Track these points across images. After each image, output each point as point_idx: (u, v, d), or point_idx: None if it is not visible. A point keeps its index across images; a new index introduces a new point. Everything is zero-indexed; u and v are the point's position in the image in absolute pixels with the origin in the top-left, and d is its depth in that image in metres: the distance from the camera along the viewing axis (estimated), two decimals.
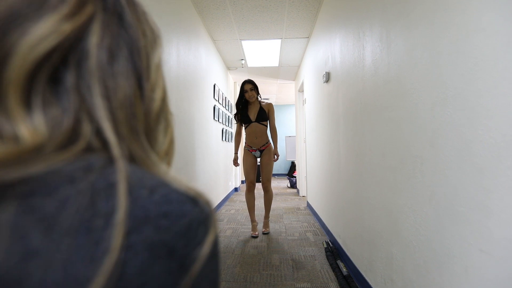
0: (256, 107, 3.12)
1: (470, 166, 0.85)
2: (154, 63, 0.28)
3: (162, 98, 0.29)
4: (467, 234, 0.87)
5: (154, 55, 0.29)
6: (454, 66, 0.92)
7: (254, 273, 2.14)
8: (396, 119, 1.36)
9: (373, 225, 1.68)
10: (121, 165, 0.22)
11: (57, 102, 0.22)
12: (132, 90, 0.25)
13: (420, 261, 1.14)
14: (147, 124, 0.27)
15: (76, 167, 0.20)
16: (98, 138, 0.23)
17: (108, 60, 0.24)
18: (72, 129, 0.22)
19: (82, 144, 0.22)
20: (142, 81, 0.26)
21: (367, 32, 1.73)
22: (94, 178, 0.20)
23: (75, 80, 0.23)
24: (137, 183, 0.21)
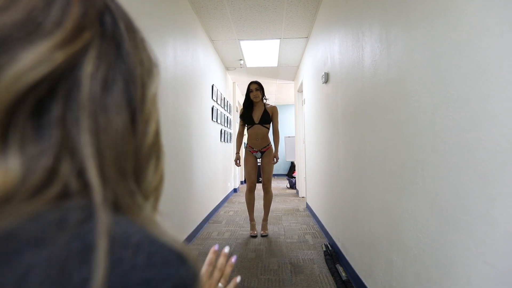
0: (260, 109, 3.17)
1: (473, 172, 0.81)
2: (150, 94, 0.26)
3: (155, 131, 0.26)
4: (470, 244, 0.83)
5: (151, 85, 0.26)
6: (456, 68, 0.89)
7: (252, 277, 2.10)
8: (396, 122, 1.32)
9: (372, 230, 1.65)
10: (103, 218, 0.19)
11: (38, 138, 0.19)
12: (125, 125, 0.22)
13: (421, 269, 1.11)
14: (137, 161, 0.24)
15: (46, 223, 0.17)
16: (78, 180, 0.20)
17: (101, 93, 0.21)
18: (50, 169, 0.19)
19: (58, 188, 0.19)
20: (136, 114, 0.24)
21: (366, 32, 1.69)
22: (68, 238, 0.17)
23: (62, 112, 0.20)
24: (120, 241, 0.18)
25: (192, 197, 3.11)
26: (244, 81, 6.49)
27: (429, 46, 1.04)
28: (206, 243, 2.90)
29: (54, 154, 0.19)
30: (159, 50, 2.23)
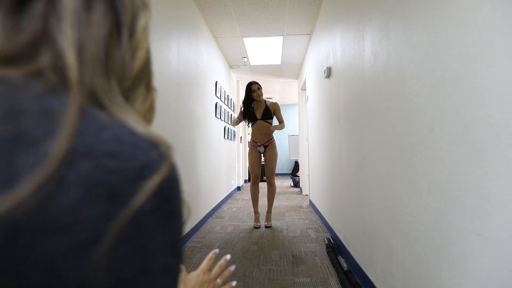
0: (262, 106, 3.33)
1: (468, 148, 0.82)
2: (140, 23, 0.27)
3: (145, 59, 0.27)
4: (465, 219, 0.84)
5: (141, 16, 0.28)
6: (452, 47, 0.90)
7: (254, 268, 2.12)
8: (395, 108, 1.33)
9: (373, 220, 1.65)
10: (76, 89, 0.19)
11: (18, 23, 0.20)
12: (107, 31, 0.23)
13: (420, 251, 1.11)
14: (123, 78, 0.25)
15: (10, 85, 0.18)
16: (54, 69, 0.20)
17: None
18: (26, 46, 0.20)
19: (30, 68, 0.20)
20: (122, 29, 0.25)
21: (366, 22, 1.70)
22: (25, 99, 0.18)
23: (45, 8, 0.21)
24: (85, 117, 0.19)
25: (195, 192, 3.14)
26: (248, 79, 6.52)
27: (427, 27, 1.05)
28: (208, 236, 2.92)
29: (31, 35, 0.20)
30: (163, 45, 2.27)
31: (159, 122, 2.18)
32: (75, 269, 0.16)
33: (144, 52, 0.27)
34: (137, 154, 0.19)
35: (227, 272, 0.67)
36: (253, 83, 3.30)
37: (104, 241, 0.16)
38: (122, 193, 0.18)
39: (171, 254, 0.21)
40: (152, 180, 0.19)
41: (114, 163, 0.18)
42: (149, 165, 0.19)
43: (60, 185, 0.16)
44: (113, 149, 0.18)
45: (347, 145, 2.23)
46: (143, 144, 0.20)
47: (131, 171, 0.18)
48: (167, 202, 0.20)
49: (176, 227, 0.21)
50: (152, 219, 0.19)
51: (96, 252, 0.16)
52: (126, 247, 0.17)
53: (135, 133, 0.20)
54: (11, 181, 0.15)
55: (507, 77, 0.69)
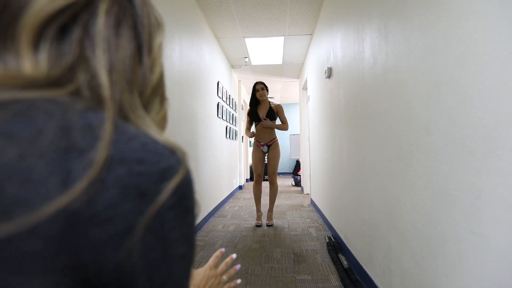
0: (266, 106, 3.43)
1: (462, 149, 0.86)
2: (157, 42, 0.31)
3: (160, 73, 0.31)
4: (459, 217, 0.87)
5: (157, 36, 0.32)
6: (448, 51, 0.93)
7: (255, 265, 2.16)
8: (394, 109, 1.36)
9: (372, 218, 1.69)
10: (110, 108, 0.23)
11: (61, 49, 0.24)
12: (132, 53, 0.27)
13: (416, 249, 1.15)
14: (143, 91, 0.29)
15: (58, 103, 0.22)
16: (89, 88, 0.24)
17: (114, 24, 0.26)
18: (68, 69, 0.24)
19: (71, 88, 0.24)
20: (143, 49, 0.29)
21: (366, 24, 1.73)
22: (73, 117, 0.22)
23: (81, 35, 0.25)
24: (117, 129, 0.23)
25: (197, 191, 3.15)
26: (249, 79, 6.55)
27: (424, 31, 1.08)
28: (211, 235, 2.96)
29: (72, 60, 0.24)
30: (165, 46, 2.30)
31: None
32: (114, 253, 0.20)
33: (160, 66, 0.31)
34: (159, 160, 0.23)
35: (233, 270, 0.71)
36: (257, 83, 3.40)
37: (135, 232, 0.20)
38: (149, 192, 0.21)
39: (187, 244, 0.25)
40: (172, 181, 0.23)
41: (142, 167, 0.22)
42: (169, 169, 0.23)
43: (102, 186, 0.20)
44: (141, 156, 0.22)
45: (347, 145, 2.26)
46: (164, 151, 0.24)
47: (155, 174, 0.22)
48: (184, 199, 0.24)
49: (190, 221, 0.25)
50: (172, 214, 0.23)
51: (130, 240, 0.20)
52: (152, 237, 0.21)
53: (157, 142, 0.24)
54: (68, 182, 0.19)
55: (499, 81, 0.72)
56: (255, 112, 3.40)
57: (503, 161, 0.71)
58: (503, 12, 0.71)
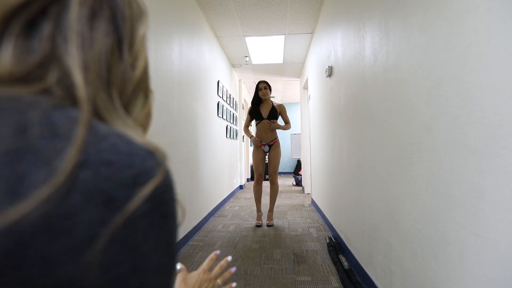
0: (268, 106, 3.41)
1: (464, 148, 0.83)
2: (139, 35, 0.29)
3: (143, 68, 0.29)
4: (462, 218, 0.85)
5: (139, 27, 0.29)
6: (450, 48, 0.91)
7: (255, 266, 2.14)
8: (394, 108, 1.34)
9: (373, 219, 1.66)
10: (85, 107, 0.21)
11: (28, 45, 0.22)
12: (110, 48, 0.25)
13: (417, 250, 1.13)
14: (124, 89, 0.26)
15: (22, 103, 0.20)
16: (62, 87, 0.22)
17: (88, 16, 0.24)
18: (37, 66, 0.22)
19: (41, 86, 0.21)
20: (123, 44, 0.26)
21: (366, 22, 1.71)
22: (34, 115, 0.19)
23: (52, 30, 0.23)
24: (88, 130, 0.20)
25: (197, 191, 3.16)
26: (250, 78, 6.53)
27: (425, 29, 1.05)
28: (211, 234, 2.95)
29: (41, 57, 0.22)
30: (165, 45, 2.29)
31: (161, 122, 2.20)
32: (69, 267, 0.17)
33: (143, 60, 0.29)
34: (133, 162, 0.21)
35: (228, 273, 0.68)
36: (260, 82, 3.39)
37: (97, 243, 0.18)
38: (117, 198, 0.19)
39: (165, 254, 0.22)
40: (146, 187, 0.20)
41: (110, 171, 0.19)
42: (144, 173, 0.21)
43: (59, 192, 0.17)
44: (109, 157, 0.20)
45: (347, 144, 2.24)
46: (139, 152, 0.21)
47: (126, 178, 0.20)
48: (161, 206, 0.22)
49: (169, 228, 0.23)
50: (145, 222, 0.20)
51: (89, 253, 0.18)
52: (120, 248, 0.19)
53: (132, 143, 0.22)
54: (16, 192, 0.17)
55: (502, 78, 0.70)
56: (257, 111, 3.39)
57: (506, 160, 0.69)
58: (507, 7, 0.69)
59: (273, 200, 3.41)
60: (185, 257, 2.34)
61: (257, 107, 3.40)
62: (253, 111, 3.42)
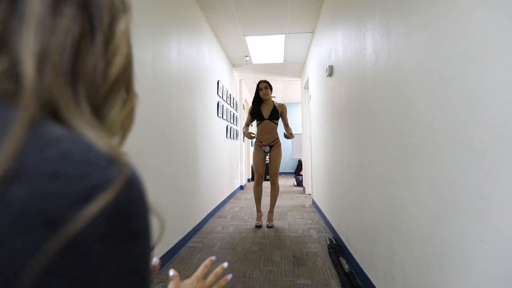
0: (269, 106, 3.36)
1: (469, 149, 0.80)
2: (120, 29, 0.26)
3: (123, 65, 0.26)
4: (466, 223, 0.81)
5: (121, 20, 0.26)
6: (454, 45, 0.87)
7: (254, 269, 2.10)
8: (396, 108, 1.30)
9: (374, 220, 1.62)
10: (28, 102, 0.18)
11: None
12: (78, 37, 0.22)
13: (420, 254, 1.09)
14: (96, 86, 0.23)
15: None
16: (9, 77, 0.19)
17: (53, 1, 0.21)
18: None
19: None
20: (96, 35, 0.23)
21: (367, 20, 1.67)
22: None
23: (6, 12, 0.19)
24: (32, 132, 0.17)
25: (196, 191, 3.13)
26: (251, 78, 6.49)
27: (427, 26, 1.02)
28: (210, 236, 2.91)
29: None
30: (163, 44, 2.26)
31: (160, 122, 2.17)
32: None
33: (123, 57, 0.25)
34: (88, 173, 0.17)
35: (223, 281, 0.64)
36: (261, 82, 3.34)
37: (29, 277, 0.14)
38: (61, 220, 0.15)
39: (130, 283, 0.18)
40: (95, 203, 0.17)
41: (55, 185, 0.16)
42: (102, 186, 0.17)
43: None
44: (56, 168, 0.16)
45: (348, 144, 2.20)
46: (99, 161, 0.18)
47: (77, 194, 0.16)
48: (124, 225, 0.18)
49: (136, 252, 0.19)
50: (101, 246, 0.17)
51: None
52: (63, 281, 0.15)
53: (91, 149, 0.18)
54: None
55: (510, 75, 0.66)
56: (258, 111, 3.34)
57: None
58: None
59: (274, 201, 3.37)
60: (183, 259, 2.31)
61: (258, 107, 3.35)
62: (254, 111, 3.36)
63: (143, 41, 1.93)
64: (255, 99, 3.37)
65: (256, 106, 3.35)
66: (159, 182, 2.14)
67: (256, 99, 3.36)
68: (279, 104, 3.42)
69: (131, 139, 1.33)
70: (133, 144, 1.75)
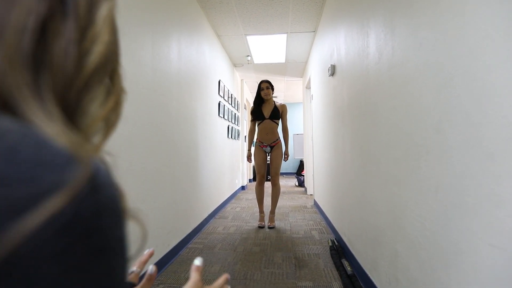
0: (270, 105, 3.35)
1: (479, 151, 0.76)
2: (101, 14, 0.23)
3: (104, 54, 0.23)
4: (475, 227, 0.78)
5: (102, 5, 0.23)
6: (462, 42, 0.84)
7: (255, 270, 2.07)
8: (400, 107, 1.27)
9: (377, 222, 1.59)
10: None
11: None
12: (43, 17, 0.19)
13: (425, 258, 1.06)
14: (66, 75, 0.20)
15: None
16: None
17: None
18: None
19: None
20: (69, 16, 0.21)
21: (371, 18, 1.64)
22: None
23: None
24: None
25: (197, 192, 3.10)
26: (252, 78, 6.47)
27: (434, 22, 0.99)
28: (211, 237, 2.89)
29: None
30: (163, 44, 2.23)
31: (160, 122, 2.14)
32: None
33: (104, 45, 0.23)
34: (38, 174, 0.14)
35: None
36: (262, 82, 3.34)
37: None
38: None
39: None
40: (41, 211, 0.14)
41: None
42: (54, 190, 0.14)
43: None
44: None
45: (351, 144, 2.17)
46: (54, 160, 0.15)
47: (21, 200, 0.13)
48: (86, 238, 0.15)
49: (103, 269, 0.16)
50: (53, 266, 0.14)
51: None
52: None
53: (45, 146, 0.15)
54: None
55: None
56: (259, 111, 3.33)
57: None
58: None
59: (275, 201, 3.35)
60: (183, 261, 2.29)
61: (259, 107, 3.34)
62: (255, 111, 3.37)
63: (143, 40, 1.90)
64: (256, 99, 3.36)
65: (257, 106, 3.35)
66: (159, 183, 2.12)
67: (257, 99, 3.36)
68: (280, 104, 3.42)
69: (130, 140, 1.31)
70: (133, 145, 1.72)
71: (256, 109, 3.35)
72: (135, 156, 1.75)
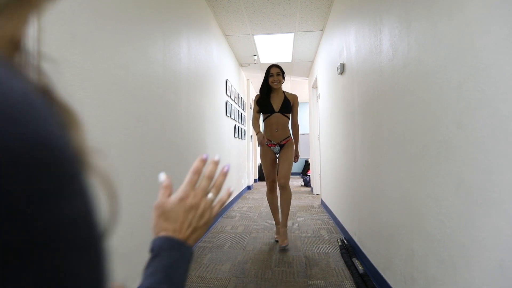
0: (280, 96, 2.69)
1: (505, 145, 0.75)
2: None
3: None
4: (501, 223, 0.77)
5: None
6: (486, 34, 0.82)
7: (266, 269, 2.06)
8: (417, 103, 1.25)
9: (391, 220, 1.57)
10: None
11: None
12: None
13: (445, 256, 1.04)
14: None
15: None
16: None
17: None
18: None
19: None
20: None
21: (384, 15, 1.63)
22: None
23: None
24: None
25: None
26: (258, 78, 6.46)
27: (455, 14, 0.97)
28: (219, 236, 2.88)
29: None
30: (173, 43, 2.24)
31: (170, 120, 2.15)
32: None
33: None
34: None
35: (221, 177, 0.48)
36: (272, 66, 2.66)
37: None
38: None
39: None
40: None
41: None
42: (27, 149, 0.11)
43: None
44: None
45: (362, 143, 2.15)
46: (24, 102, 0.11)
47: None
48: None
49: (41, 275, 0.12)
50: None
51: None
52: None
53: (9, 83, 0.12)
54: None
55: None
56: (267, 102, 2.66)
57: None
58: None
59: (286, 210, 2.60)
60: (193, 260, 2.28)
61: (267, 98, 2.66)
62: (262, 102, 2.66)
63: (155, 38, 1.91)
64: (263, 87, 2.68)
65: (265, 95, 2.67)
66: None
67: (264, 86, 2.67)
68: (291, 94, 2.75)
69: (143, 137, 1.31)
70: (145, 142, 1.72)
71: (264, 99, 2.65)
72: (148, 154, 1.75)
